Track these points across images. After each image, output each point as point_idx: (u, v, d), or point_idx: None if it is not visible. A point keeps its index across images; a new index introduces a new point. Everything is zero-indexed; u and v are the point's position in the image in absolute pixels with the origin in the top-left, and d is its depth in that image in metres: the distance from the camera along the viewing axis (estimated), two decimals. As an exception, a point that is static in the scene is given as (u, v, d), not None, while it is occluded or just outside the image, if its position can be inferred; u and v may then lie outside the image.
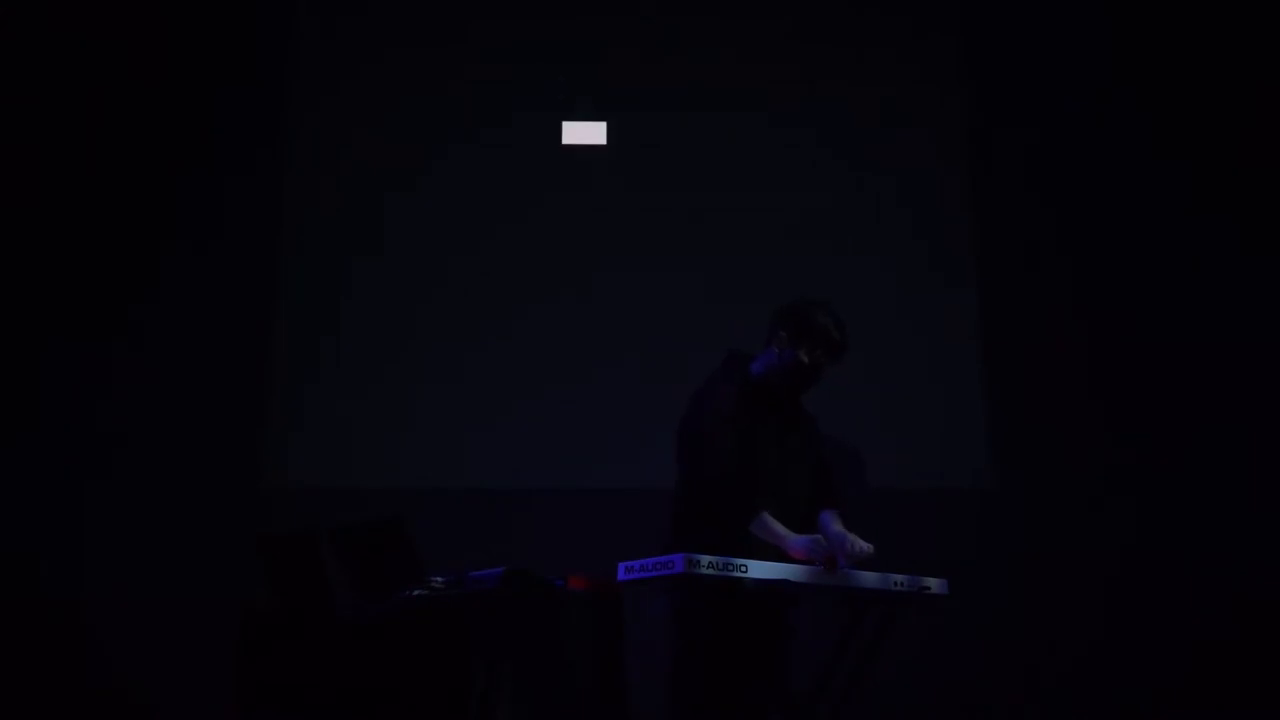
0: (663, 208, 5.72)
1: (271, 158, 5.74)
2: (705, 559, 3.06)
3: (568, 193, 5.75)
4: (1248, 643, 5.15)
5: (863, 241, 5.71)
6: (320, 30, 5.91)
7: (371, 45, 5.89)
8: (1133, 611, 5.25)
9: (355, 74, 5.86)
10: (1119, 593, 5.27)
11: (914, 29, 5.97)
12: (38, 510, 5.24)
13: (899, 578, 3.38)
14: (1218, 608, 5.19)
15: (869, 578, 3.33)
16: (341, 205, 5.74)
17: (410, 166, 5.76)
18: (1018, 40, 5.89)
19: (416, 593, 3.39)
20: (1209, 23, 5.81)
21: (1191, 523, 5.32)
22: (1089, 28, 5.87)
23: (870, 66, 5.89)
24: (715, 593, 3.16)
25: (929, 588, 3.43)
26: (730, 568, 3.10)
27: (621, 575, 3.17)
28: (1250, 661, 5.12)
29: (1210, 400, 5.47)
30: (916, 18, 5.99)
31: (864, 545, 3.35)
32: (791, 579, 3.20)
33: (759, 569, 3.15)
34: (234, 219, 5.64)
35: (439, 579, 3.41)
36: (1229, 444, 5.39)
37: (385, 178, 5.75)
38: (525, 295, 5.62)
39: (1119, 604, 5.26)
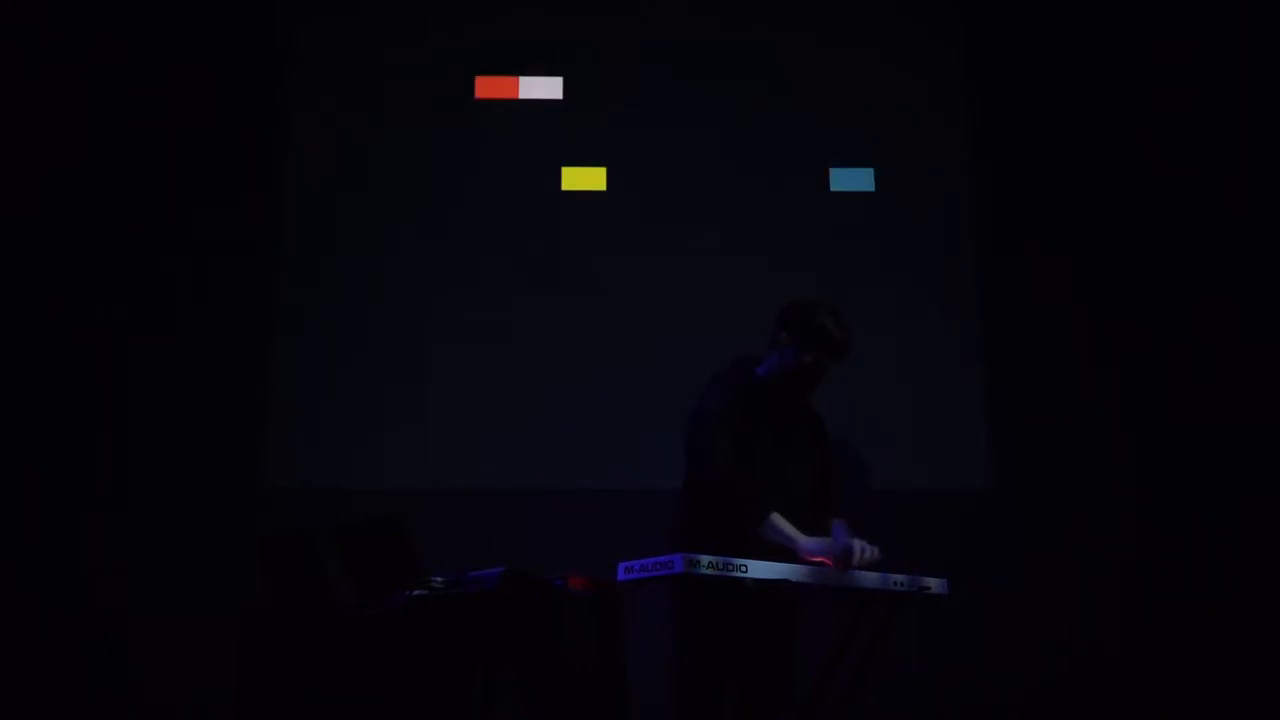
0: (664, 207, 5.73)
1: (272, 156, 5.73)
2: (705, 559, 3.06)
3: (568, 191, 5.74)
4: (1248, 642, 5.15)
5: (863, 241, 5.72)
6: (320, 25, 5.90)
7: (373, 40, 5.88)
8: (1133, 611, 5.25)
9: (357, 71, 5.84)
10: (1119, 593, 5.27)
11: (915, 30, 5.97)
12: (37, 511, 5.23)
13: (899, 578, 3.37)
14: (1218, 608, 5.18)
15: (869, 578, 3.33)
16: (342, 204, 5.73)
17: (412, 167, 5.75)
18: (1018, 40, 5.88)
19: (416, 593, 3.39)
20: (1211, 22, 5.81)
21: (1192, 523, 5.32)
22: (1091, 27, 5.87)
23: (871, 66, 5.90)
24: (715, 593, 3.16)
25: (929, 588, 3.43)
26: (730, 568, 3.10)
27: (621, 575, 3.17)
28: (1250, 661, 5.12)
29: (1211, 400, 5.46)
30: (917, 18, 5.99)
31: (871, 551, 3.34)
32: (791, 579, 3.20)
33: (759, 569, 3.15)
34: (234, 218, 5.63)
35: (439, 579, 3.41)
36: (1230, 444, 5.39)
37: (386, 177, 5.74)
38: (526, 294, 5.61)
39: (1119, 604, 5.27)
